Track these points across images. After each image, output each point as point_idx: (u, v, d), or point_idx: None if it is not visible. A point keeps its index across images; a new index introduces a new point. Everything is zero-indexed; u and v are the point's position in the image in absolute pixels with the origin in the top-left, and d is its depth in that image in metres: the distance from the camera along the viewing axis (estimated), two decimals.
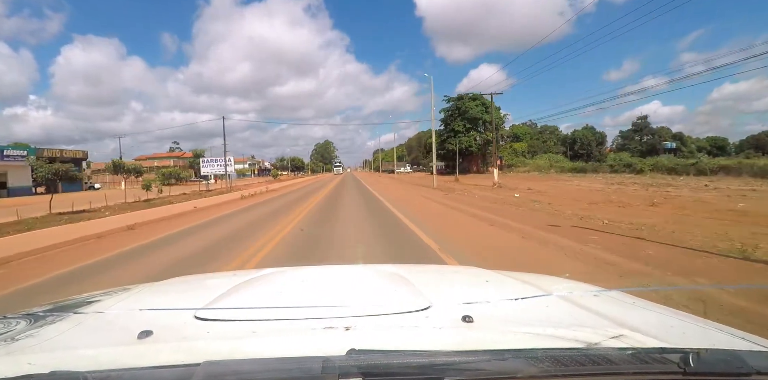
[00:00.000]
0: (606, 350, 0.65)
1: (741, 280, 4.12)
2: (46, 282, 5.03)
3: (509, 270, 1.59)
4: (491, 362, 0.61)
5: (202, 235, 8.52)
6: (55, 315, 1.00)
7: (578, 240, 6.38)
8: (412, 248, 6.34)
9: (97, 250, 7.08)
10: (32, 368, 0.64)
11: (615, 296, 1.15)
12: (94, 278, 5.14)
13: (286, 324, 0.84)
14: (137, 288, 1.34)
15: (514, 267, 4.68)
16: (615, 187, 20.85)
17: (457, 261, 5.10)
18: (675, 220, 8.41)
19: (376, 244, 6.82)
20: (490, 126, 48.85)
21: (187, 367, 0.60)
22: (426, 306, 0.91)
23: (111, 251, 6.94)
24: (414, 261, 4.83)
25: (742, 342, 0.77)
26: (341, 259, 5.58)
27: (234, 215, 12.62)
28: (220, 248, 6.87)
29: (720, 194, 15.02)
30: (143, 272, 5.31)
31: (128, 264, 5.96)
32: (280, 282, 1.33)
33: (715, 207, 10.93)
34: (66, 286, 4.78)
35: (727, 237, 6.18)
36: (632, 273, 4.48)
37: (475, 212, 11.07)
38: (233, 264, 5.51)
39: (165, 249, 7.07)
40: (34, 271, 5.59)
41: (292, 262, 5.36)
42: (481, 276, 1.47)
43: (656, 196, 14.58)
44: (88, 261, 6.15)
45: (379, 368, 0.59)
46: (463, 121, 52.71)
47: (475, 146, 52.05)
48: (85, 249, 7.40)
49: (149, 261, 6.13)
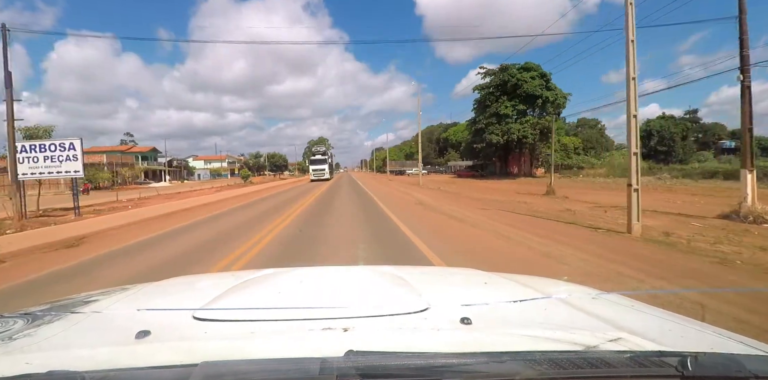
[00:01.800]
0: (604, 353, 0.66)
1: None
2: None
3: None
4: (489, 364, 0.60)
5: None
6: (53, 314, 0.99)
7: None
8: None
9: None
10: (30, 367, 0.64)
11: (613, 299, 1.14)
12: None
13: (284, 324, 0.84)
14: (135, 288, 1.33)
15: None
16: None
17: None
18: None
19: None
20: (551, 107, 33.91)
21: (184, 368, 0.60)
22: (424, 308, 0.90)
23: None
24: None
25: (740, 345, 0.76)
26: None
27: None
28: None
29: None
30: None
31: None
32: (278, 283, 1.32)
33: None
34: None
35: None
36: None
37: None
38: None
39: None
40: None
41: None
42: (479, 277, 1.45)
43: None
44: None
45: (377, 369, 0.59)
46: (513, 101, 36.32)
47: (531, 137, 36.31)
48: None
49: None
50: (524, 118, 37.07)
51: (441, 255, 5.44)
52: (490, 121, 37.85)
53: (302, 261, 5.32)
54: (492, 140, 37.35)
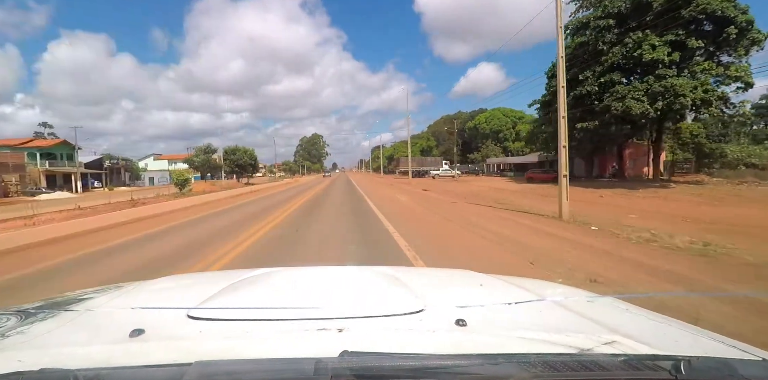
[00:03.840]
0: (598, 356, 0.66)
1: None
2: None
3: None
4: (484, 366, 0.60)
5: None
6: (46, 312, 0.98)
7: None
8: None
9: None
10: (22, 365, 0.63)
11: (608, 302, 1.14)
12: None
13: (279, 324, 0.83)
14: (130, 287, 1.32)
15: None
16: None
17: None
18: None
19: None
20: (743, 43, 16.77)
21: (178, 367, 0.59)
22: (420, 309, 0.90)
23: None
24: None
25: (734, 350, 0.77)
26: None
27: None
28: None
29: None
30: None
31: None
32: (274, 283, 1.31)
33: None
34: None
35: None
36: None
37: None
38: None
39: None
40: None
41: None
42: (475, 279, 1.43)
43: None
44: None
45: (372, 370, 0.59)
46: (666, 36, 18.27)
47: (715, 104, 17.62)
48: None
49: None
50: (695, 66, 18.31)
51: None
52: (611, 79, 19.79)
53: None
54: (632, 109, 18.14)
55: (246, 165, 47.48)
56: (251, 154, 47.94)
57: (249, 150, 48.10)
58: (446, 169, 49.17)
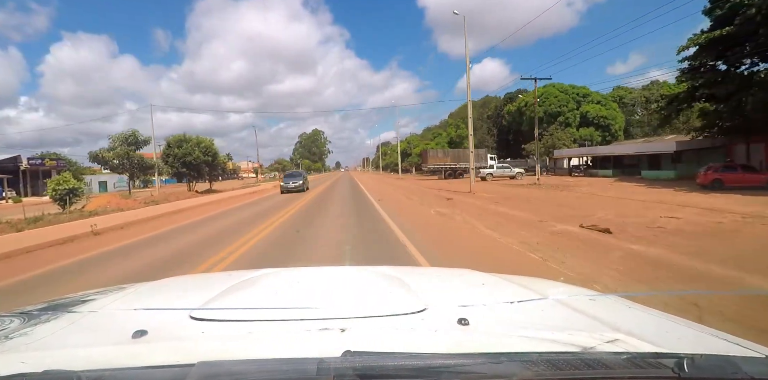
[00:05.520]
0: (601, 354, 0.66)
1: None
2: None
3: None
4: (486, 365, 0.60)
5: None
6: (49, 313, 0.98)
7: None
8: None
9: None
10: (25, 367, 0.64)
11: (611, 300, 1.14)
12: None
13: (281, 324, 0.83)
14: (132, 288, 1.32)
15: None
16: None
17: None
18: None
19: None
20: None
21: (181, 368, 0.59)
22: (422, 309, 0.90)
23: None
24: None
25: (737, 347, 0.76)
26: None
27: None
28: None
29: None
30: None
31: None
32: (275, 283, 1.31)
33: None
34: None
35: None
36: None
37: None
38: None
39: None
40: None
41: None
42: (477, 278, 1.43)
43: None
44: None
45: (374, 370, 0.59)
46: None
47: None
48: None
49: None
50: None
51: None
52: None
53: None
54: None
55: (199, 163, 30.08)
56: (208, 146, 30.94)
57: (204, 140, 31.46)
58: (502, 166, 34.00)
